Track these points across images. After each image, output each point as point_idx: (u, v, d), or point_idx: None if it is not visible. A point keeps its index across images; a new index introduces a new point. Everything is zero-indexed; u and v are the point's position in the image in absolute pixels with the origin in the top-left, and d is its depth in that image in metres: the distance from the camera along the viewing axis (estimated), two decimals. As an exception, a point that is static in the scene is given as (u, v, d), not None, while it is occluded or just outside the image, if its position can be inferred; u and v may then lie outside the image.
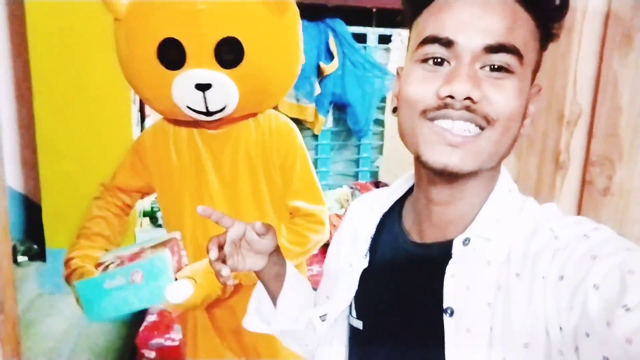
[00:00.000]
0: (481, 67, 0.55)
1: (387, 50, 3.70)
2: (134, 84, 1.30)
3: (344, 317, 0.74)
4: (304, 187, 1.38)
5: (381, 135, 3.81)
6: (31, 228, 2.96)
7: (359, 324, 0.72)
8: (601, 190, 0.74)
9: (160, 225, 3.14)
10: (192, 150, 1.34)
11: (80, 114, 2.79)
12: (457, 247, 0.61)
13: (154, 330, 2.29)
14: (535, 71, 0.60)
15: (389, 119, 3.74)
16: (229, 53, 1.18)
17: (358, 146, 3.78)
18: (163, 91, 1.20)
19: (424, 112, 0.58)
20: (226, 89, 1.20)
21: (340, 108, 3.59)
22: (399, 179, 0.76)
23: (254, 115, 1.36)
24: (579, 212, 0.79)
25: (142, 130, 3.05)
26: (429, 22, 0.58)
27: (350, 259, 0.75)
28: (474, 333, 0.57)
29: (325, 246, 3.41)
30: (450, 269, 0.60)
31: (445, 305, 0.60)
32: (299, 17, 1.32)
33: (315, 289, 0.90)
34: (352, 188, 3.40)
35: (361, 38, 3.58)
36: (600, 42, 0.75)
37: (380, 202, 0.75)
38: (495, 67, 0.55)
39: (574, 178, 0.79)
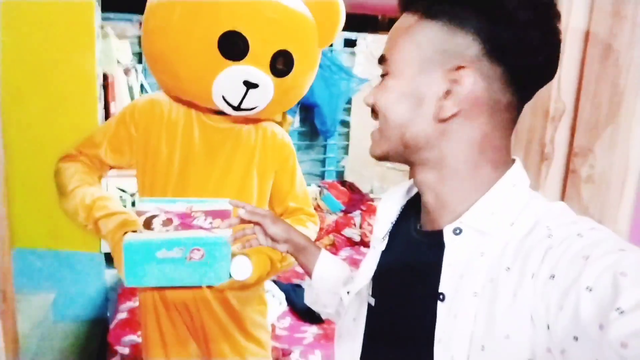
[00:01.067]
0: None
1: (353, 54, 3.78)
2: (170, 56, 1.26)
3: (366, 295, 0.78)
4: (303, 193, 1.51)
5: (347, 135, 3.89)
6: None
7: (372, 301, 0.76)
8: (584, 178, 0.82)
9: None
10: (185, 136, 1.34)
11: (45, 112, 2.73)
12: (448, 236, 0.63)
13: (125, 327, 2.28)
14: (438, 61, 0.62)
15: (355, 120, 3.82)
16: (282, 63, 1.27)
17: (324, 146, 3.85)
18: (206, 75, 1.22)
19: None
20: (266, 93, 1.26)
21: (308, 109, 3.64)
22: None
23: (256, 121, 1.41)
24: (562, 199, 0.87)
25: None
26: None
27: (374, 242, 0.80)
28: (460, 319, 0.59)
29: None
30: (447, 257, 0.63)
31: (439, 290, 0.62)
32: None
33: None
34: (320, 187, 3.46)
35: (327, 41, 3.65)
36: (583, 47, 0.84)
37: (404, 190, 0.80)
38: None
39: (558, 168, 0.87)
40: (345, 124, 3.84)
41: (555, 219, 0.58)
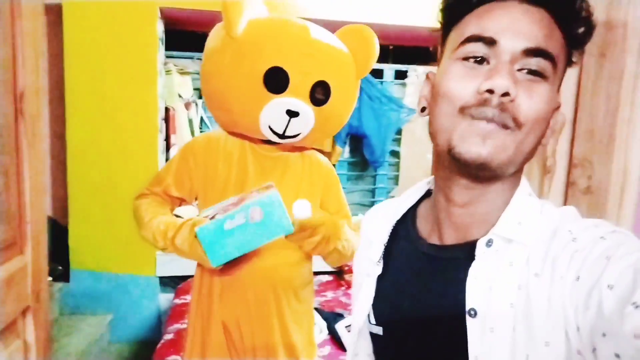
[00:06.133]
0: (518, 70, 0.58)
1: (403, 85, 3.81)
2: (223, 94, 1.42)
3: (365, 326, 0.75)
4: (347, 211, 1.62)
5: (397, 166, 3.87)
6: (56, 249, 3.07)
7: (378, 330, 0.72)
8: (583, 189, 0.80)
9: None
10: (240, 165, 1.46)
11: (109, 141, 2.94)
12: (480, 249, 0.62)
13: (170, 348, 2.35)
14: (559, 84, 0.63)
15: (405, 150, 3.81)
16: (320, 93, 1.40)
17: (374, 177, 3.85)
18: (253, 107, 1.37)
19: (462, 109, 0.60)
20: (307, 121, 1.38)
21: (357, 139, 3.68)
22: (410, 188, 0.79)
23: (302, 149, 1.53)
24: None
25: (166, 160, 3.19)
26: (470, 25, 0.62)
27: (367, 268, 0.76)
28: (498, 333, 0.58)
29: (338, 274, 3.43)
30: (473, 270, 0.61)
31: (468, 307, 0.60)
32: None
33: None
34: (367, 216, 3.45)
35: (378, 74, 3.70)
36: (579, 60, 0.84)
37: (392, 210, 0.77)
38: (532, 70, 0.58)
39: (559, 180, 0.85)
40: (395, 154, 3.84)
41: (575, 223, 0.59)
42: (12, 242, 0.94)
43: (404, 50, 3.67)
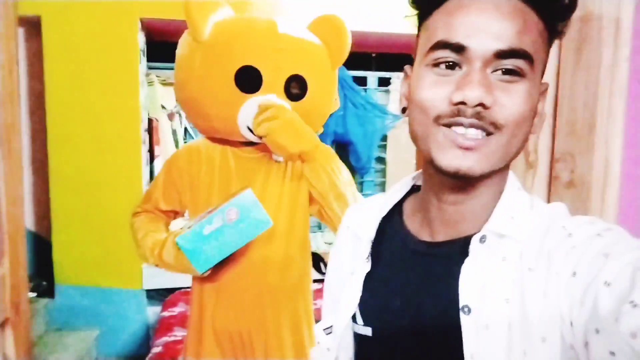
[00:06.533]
0: (492, 71, 0.56)
1: (387, 92, 3.82)
2: (198, 100, 1.39)
3: (347, 328, 0.72)
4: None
5: (383, 172, 3.88)
6: (40, 265, 3.02)
7: (367, 331, 0.70)
8: (565, 183, 0.81)
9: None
10: (223, 170, 1.45)
11: (91, 154, 2.91)
12: (474, 245, 0.61)
13: (159, 361, 2.32)
14: (543, 70, 0.61)
15: (391, 156, 3.82)
16: (296, 88, 1.37)
17: (361, 183, 3.86)
18: (230, 110, 1.34)
19: (437, 118, 0.58)
20: None
21: (343, 147, 3.69)
22: (395, 184, 0.77)
23: None
24: (548, 206, 0.85)
25: (151, 171, 3.16)
26: (439, 26, 0.58)
27: (352, 267, 0.74)
28: (493, 329, 0.56)
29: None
30: (466, 266, 0.60)
31: (462, 304, 0.59)
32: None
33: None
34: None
35: (361, 81, 3.71)
36: (557, 53, 0.85)
37: (377, 207, 0.75)
38: (507, 69, 0.56)
39: (542, 175, 0.86)
40: (381, 160, 3.85)
41: (568, 219, 0.59)
42: (-11, 253, 0.92)
43: (386, 58, 3.69)
